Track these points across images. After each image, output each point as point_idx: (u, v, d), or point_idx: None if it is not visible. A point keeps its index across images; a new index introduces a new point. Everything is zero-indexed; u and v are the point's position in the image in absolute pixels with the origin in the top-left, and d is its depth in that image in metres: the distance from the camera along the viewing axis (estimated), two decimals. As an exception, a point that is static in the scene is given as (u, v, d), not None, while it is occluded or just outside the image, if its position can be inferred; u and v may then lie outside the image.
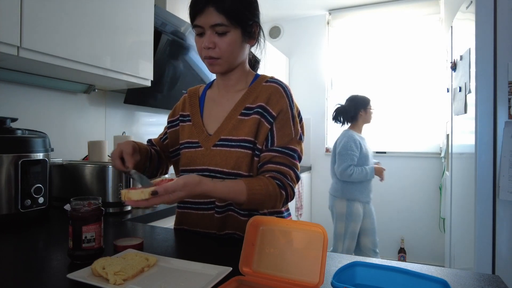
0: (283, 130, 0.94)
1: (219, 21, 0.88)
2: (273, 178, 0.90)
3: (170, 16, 2.03)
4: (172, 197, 0.75)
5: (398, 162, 3.52)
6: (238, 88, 1.01)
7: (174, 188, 0.75)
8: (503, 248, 1.53)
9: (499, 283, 0.68)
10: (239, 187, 0.84)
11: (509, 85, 1.52)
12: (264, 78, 1.00)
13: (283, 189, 0.89)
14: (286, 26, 4.08)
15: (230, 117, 0.97)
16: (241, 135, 0.94)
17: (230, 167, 0.93)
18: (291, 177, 0.92)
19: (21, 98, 1.57)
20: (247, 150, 0.93)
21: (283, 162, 0.92)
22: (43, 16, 1.24)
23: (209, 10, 0.88)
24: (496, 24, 1.56)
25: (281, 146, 0.93)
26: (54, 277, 0.71)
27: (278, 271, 0.67)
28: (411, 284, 0.61)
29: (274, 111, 0.94)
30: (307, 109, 3.86)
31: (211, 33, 0.90)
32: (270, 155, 0.92)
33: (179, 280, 0.67)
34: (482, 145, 1.59)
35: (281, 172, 0.91)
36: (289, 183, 0.91)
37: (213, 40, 0.90)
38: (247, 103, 0.97)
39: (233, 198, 0.85)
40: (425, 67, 3.45)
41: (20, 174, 1.12)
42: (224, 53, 0.91)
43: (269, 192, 0.86)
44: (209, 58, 0.93)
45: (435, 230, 3.27)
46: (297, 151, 0.94)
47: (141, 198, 0.73)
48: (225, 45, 0.90)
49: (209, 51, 0.91)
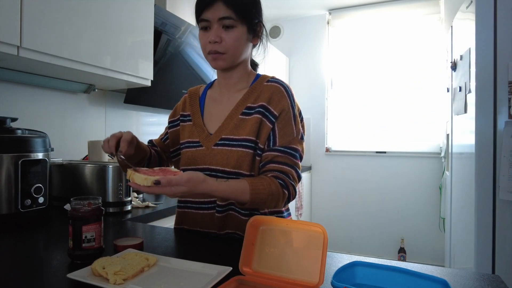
0: (285, 129, 0.94)
1: (227, 14, 0.89)
2: (275, 177, 0.90)
3: (170, 15, 2.03)
4: (174, 190, 0.74)
5: (398, 162, 3.52)
6: (239, 88, 1.01)
7: (178, 181, 0.74)
8: (503, 248, 1.53)
9: (499, 283, 0.68)
10: (242, 187, 0.84)
11: (509, 85, 1.52)
12: (265, 78, 1.01)
13: (285, 188, 0.90)
14: (286, 26, 4.08)
15: (231, 117, 0.97)
16: (242, 134, 0.94)
17: (231, 166, 0.93)
18: (293, 177, 0.92)
19: (21, 98, 1.57)
20: (249, 150, 0.93)
21: (285, 162, 0.92)
22: (43, 16, 1.23)
23: (218, 4, 0.89)
24: (496, 24, 1.56)
25: (283, 145, 0.93)
26: (54, 277, 0.71)
27: (278, 271, 0.67)
28: (411, 284, 0.61)
29: (276, 111, 0.94)
30: (307, 109, 3.85)
31: (218, 27, 0.90)
32: (272, 154, 0.93)
33: (179, 280, 0.67)
34: (482, 145, 1.59)
35: (284, 172, 0.91)
36: (291, 182, 0.91)
37: (219, 34, 0.90)
38: (249, 102, 0.97)
39: (235, 198, 0.85)
40: (425, 67, 3.45)
41: (20, 174, 1.12)
42: (229, 47, 0.92)
43: (272, 191, 0.87)
44: (214, 53, 0.93)
45: (435, 230, 3.27)
46: (298, 150, 0.95)
47: (143, 184, 0.72)
48: (231, 39, 0.91)
49: (215, 45, 0.91)
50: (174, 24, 2.04)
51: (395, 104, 3.58)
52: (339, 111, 3.84)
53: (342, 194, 3.73)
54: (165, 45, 2.01)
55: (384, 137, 3.61)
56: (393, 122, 3.58)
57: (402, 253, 3.38)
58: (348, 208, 3.69)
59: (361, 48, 3.74)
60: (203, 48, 0.95)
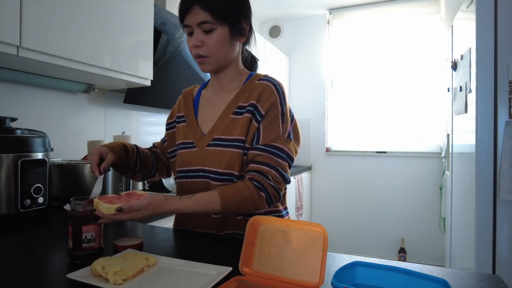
0: (270, 127, 0.92)
1: (204, 18, 0.88)
2: (251, 179, 0.88)
3: (170, 15, 2.03)
4: (138, 214, 0.79)
5: (398, 162, 3.52)
6: (232, 87, 1.01)
7: (139, 206, 0.78)
8: (503, 248, 1.53)
9: (499, 283, 0.68)
10: (211, 199, 0.85)
11: (510, 85, 1.52)
12: (257, 77, 1.00)
13: (262, 190, 0.87)
14: (286, 25, 4.08)
15: (223, 117, 0.97)
16: (234, 134, 0.93)
17: (223, 167, 0.92)
18: (273, 177, 0.89)
19: (21, 97, 1.57)
20: (239, 150, 0.92)
21: (264, 162, 0.89)
22: (42, 16, 1.23)
23: (195, 9, 0.89)
24: (496, 23, 1.56)
25: (265, 144, 0.91)
26: (54, 277, 0.71)
27: (278, 271, 0.66)
28: (411, 284, 0.61)
29: (264, 109, 0.92)
30: (307, 108, 3.85)
31: (198, 31, 0.90)
32: (253, 153, 0.91)
33: (179, 280, 0.67)
34: (482, 145, 1.58)
35: (261, 172, 0.89)
36: (270, 183, 0.88)
37: (200, 38, 0.90)
38: (240, 102, 0.96)
39: (205, 210, 0.85)
40: (426, 67, 3.44)
41: (20, 173, 1.12)
42: (212, 50, 0.91)
43: (244, 197, 0.85)
44: (198, 57, 0.93)
45: (436, 230, 3.27)
46: (283, 149, 0.91)
47: (107, 212, 0.76)
48: (212, 42, 0.91)
49: (197, 49, 0.92)
50: (174, 23, 2.04)
51: (395, 104, 3.58)
52: (339, 111, 3.84)
53: (342, 194, 3.73)
54: (165, 45, 2.00)
55: (384, 137, 3.61)
56: (393, 122, 3.58)
57: (402, 253, 3.38)
58: (348, 208, 3.69)
59: (361, 48, 3.74)
60: (190, 52, 0.96)
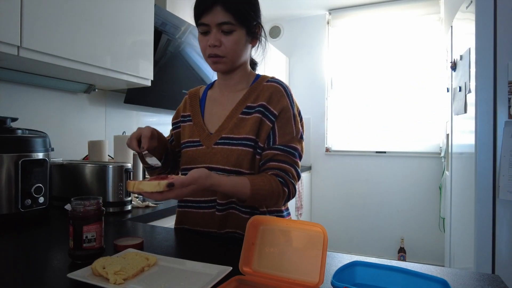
0: (284, 128, 0.95)
1: (226, 19, 0.89)
2: (275, 175, 0.91)
3: (170, 15, 2.03)
4: (185, 190, 0.75)
5: (398, 162, 3.52)
6: (239, 88, 1.02)
7: (190, 181, 0.75)
8: (503, 248, 1.53)
9: (499, 283, 0.68)
10: (243, 182, 0.86)
11: (509, 85, 1.52)
12: (265, 78, 1.02)
13: (285, 186, 0.91)
14: (286, 25, 4.08)
15: (231, 116, 0.98)
16: (242, 133, 0.95)
17: (231, 165, 0.94)
18: (292, 175, 0.93)
19: (21, 97, 1.57)
20: (249, 148, 0.94)
21: (284, 160, 0.93)
22: (43, 16, 1.24)
23: (216, 9, 0.89)
24: (496, 24, 1.56)
25: (283, 144, 0.94)
26: (55, 277, 0.72)
27: (278, 270, 0.67)
28: (411, 283, 0.61)
29: (276, 110, 0.95)
30: (307, 109, 3.86)
31: (217, 31, 0.91)
32: (272, 153, 0.93)
33: (179, 279, 0.67)
34: (482, 145, 1.58)
35: (283, 170, 0.92)
36: (291, 180, 0.92)
37: (219, 38, 0.91)
38: (249, 102, 0.98)
39: (237, 193, 0.85)
40: (425, 67, 3.45)
41: (21, 173, 1.12)
42: (229, 51, 0.93)
43: (273, 188, 0.88)
44: (213, 56, 0.94)
45: (435, 230, 3.27)
46: (298, 149, 0.96)
47: (156, 190, 0.70)
48: (230, 43, 0.92)
49: (214, 49, 0.92)
50: (174, 24, 2.04)
51: (395, 104, 3.58)
52: (339, 111, 3.84)
53: (342, 194, 3.73)
54: (165, 45, 2.01)
55: (384, 137, 3.61)
56: (393, 122, 3.58)
57: (402, 253, 3.38)
58: (348, 208, 3.69)
59: (361, 48, 3.74)
60: (203, 51, 0.96)
